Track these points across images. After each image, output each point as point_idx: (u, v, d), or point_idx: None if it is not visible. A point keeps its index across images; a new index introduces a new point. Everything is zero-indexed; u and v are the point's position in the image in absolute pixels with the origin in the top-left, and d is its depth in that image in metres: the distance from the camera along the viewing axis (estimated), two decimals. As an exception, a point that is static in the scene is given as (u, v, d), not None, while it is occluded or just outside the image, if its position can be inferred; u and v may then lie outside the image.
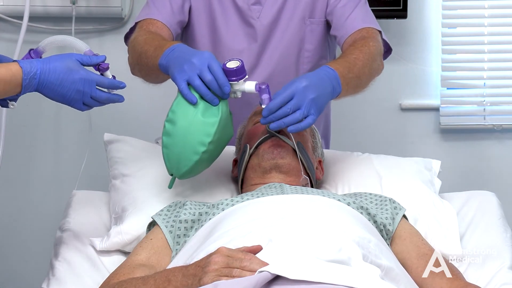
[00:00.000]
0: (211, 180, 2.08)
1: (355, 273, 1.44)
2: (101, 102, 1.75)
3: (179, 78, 1.82)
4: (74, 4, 2.97)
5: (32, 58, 1.74)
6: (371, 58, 2.08)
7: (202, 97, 1.82)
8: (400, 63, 3.17)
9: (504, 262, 1.92)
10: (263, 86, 1.84)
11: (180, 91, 1.82)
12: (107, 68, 1.77)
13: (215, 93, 1.82)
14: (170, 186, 1.93)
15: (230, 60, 1.84)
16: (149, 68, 1.98)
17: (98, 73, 1.77)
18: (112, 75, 1.79)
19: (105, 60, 1.76)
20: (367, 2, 2.29)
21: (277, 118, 1.82)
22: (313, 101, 1.83)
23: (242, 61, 1.84)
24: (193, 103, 1.82)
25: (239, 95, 1.87)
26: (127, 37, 2.21)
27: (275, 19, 2.27)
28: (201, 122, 1.82)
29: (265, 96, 1.84)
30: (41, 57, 1.75)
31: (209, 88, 1.81)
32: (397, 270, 1.63)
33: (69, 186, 2.58)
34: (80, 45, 1.80)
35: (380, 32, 2.21)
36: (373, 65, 2.09)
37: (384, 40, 2.22)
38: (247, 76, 1.85)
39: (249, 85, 1.85)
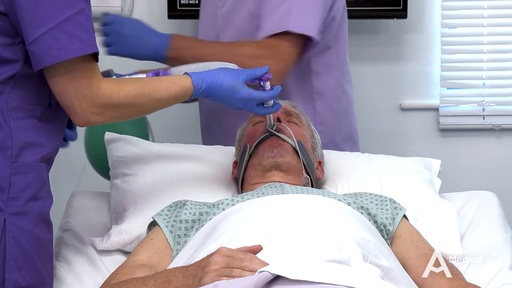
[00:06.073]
0: (211, 180, 2.08)
1: (355, 273, 1.44)
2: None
3: None
4: (74, 4, 2.97)
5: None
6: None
7: None
8: (400, 63, 3.18)
9: (504, 262, 1.92)
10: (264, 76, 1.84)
11: None
12: (268, 79, 1.83)
13: None
14: None
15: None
16: None
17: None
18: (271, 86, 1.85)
19: (268, 71, 1.83)
20: None
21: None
22: None
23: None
24: None
25: None
26: None
27: (231, 11, 2.27)
28: None
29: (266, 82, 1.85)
30: None
31: None
32: (397, 271, 1.62)
33: (69, 186, 2.58)
34: (229, 66, 1.86)
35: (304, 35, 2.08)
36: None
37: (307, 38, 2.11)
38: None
39: None
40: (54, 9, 1.50)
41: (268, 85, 1.84)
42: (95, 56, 1.57)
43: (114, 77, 1.88)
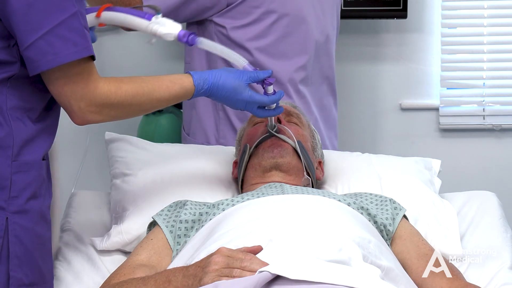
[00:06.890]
0: (212, 180, 2.08)
1: (355, 273, 1.44)
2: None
3: None
4: (74, 3, 2.97)
5: (188, 41, 1.80)
6: None
7: None
8: (400, 63, 3.18)
9: (504, 262, 1.92)
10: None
11: None
12: (271, 84, 1.84)
13: None
14: None
15: None
16: None
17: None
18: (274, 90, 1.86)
19: (271, 75, 1.84)
20: None
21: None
22: None
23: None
24: None
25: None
26: None
27: None
28: None
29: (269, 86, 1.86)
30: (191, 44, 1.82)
31: None
32: (397, 271, 1.63)
33: (69, 186, 2.58)
34: (238, 61, 1.84)
35: None
36: None
37: None
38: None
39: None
40: (46, 14, 1.51)
41: (270, 89, 1.84)
42: (91, 56, 1.57)
43: (160, 14, 1.79)
